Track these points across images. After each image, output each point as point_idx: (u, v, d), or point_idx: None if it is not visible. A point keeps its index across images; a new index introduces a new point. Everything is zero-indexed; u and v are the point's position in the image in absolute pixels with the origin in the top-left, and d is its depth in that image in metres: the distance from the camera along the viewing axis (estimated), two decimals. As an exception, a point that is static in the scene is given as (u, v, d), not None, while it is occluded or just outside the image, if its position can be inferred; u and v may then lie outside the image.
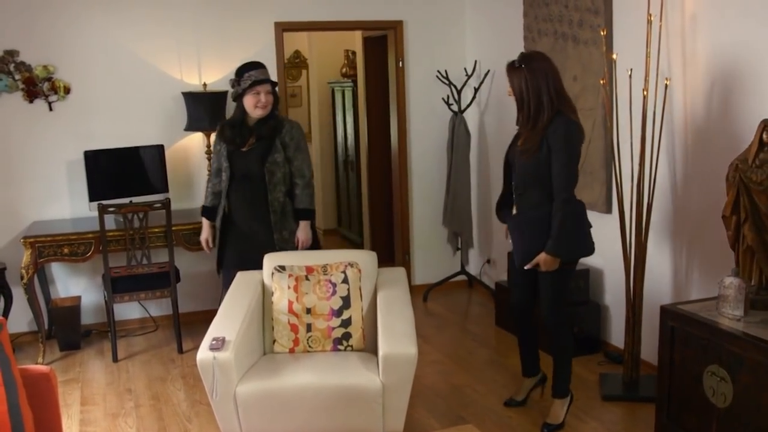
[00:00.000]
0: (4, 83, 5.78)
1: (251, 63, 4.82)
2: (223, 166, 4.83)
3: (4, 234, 5.93)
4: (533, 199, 4.02)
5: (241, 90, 4.70)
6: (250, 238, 4.84)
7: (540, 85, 3.90)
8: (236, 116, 4.83)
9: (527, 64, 3.93)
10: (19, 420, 2.91)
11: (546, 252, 3.92)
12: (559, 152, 3.88)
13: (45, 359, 5.53)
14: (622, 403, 4.54)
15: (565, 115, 3.91)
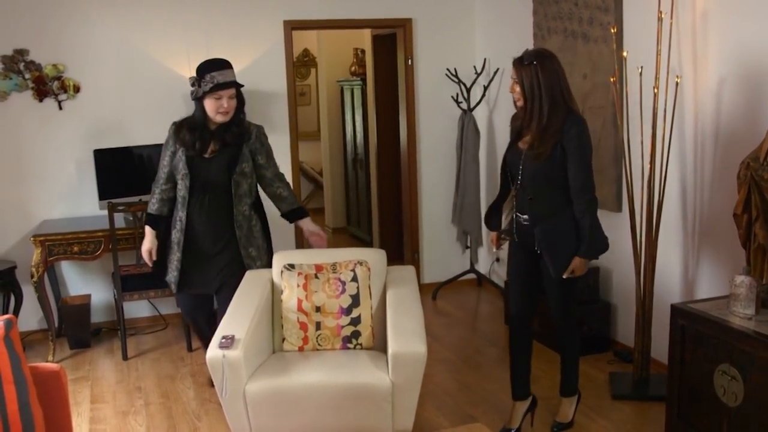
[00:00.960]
0: (14, 82, 5.80)
1: (214, 61, 4.31)
2: (182, 172, 4.30)
3: (15, 232, 5.95)
4: (548, 203, 3.84)
5: (201, 93, 4.21)
6: (212, 257, 4.41)
7: (553, 83, 3.73)
8: (197, 117, 4.31)
9: (540, 61, 3.74)
10: (30, 418, 2.92)
11: (581, 257, 3.80)
12: (576, 153, 3.73)
13: (55, 357, 5.55)
14: (632, 402, 4.53)
15: (576, 113, 3.80)
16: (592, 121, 5.27)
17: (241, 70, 6.32)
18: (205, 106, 4.24)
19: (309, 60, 11.14)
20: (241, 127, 4.37)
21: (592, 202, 3.79)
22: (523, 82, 3.79)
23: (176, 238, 4.40)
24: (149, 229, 4.52)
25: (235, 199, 4.36)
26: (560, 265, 3.83)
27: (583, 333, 5.20)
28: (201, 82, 4.20)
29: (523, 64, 3.79)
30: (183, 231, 4.37)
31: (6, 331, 2.89)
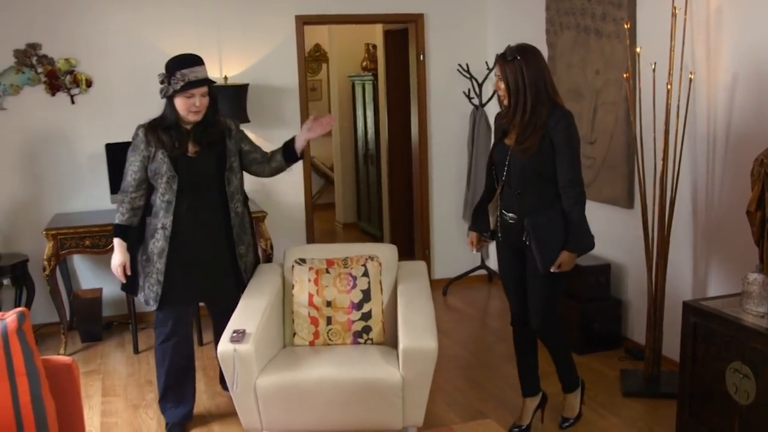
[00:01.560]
0: (27, 76, 5.82)
1: (185, 58, 3.99)
2: (166, 175, 3.96)
3: (27, 226, 5.97)
4: (536, 198, 3.80)
5: (171, 91, 3.92)
6: (202, 263, 4.11)
7: (537, 78, 3.70)
8: (169, 117, 4.00)
9: (524, 56, 3.71)
10: (42, 410, 2.92)
11: (569, 250, 3.74)
12: (564, 146, 3.70)
13: (67, 351, 5.57)
14: (643, 400, 4.52)
15: (561, 107, 3.77)
16: (604, 118, 5.26)
17: (253, 65, 6.34)
18: (176, 104, 3.95)
19: (320, 55, 11.14)
20: (218, 125, 4.12)
21: (581, 195, 3.77)
22: (507, 78, 3.74)
23: (157, 247, 4.01)
24: (119, 242, 4.08)
25: (229, 195, 4.12)
26: (548, 258, 3.77)
27: (594, 330, 5.21)
28: (171, 80, 3.90)
29: (506, 59, 3.74)
30: (168, 239, 4.00)
31: (19, 324, 2.90)
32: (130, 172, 4.02)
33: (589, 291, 5.23)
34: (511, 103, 3.76)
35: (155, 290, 4.04)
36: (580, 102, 5.54)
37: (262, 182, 6.48)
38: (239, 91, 6.03)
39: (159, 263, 4.02)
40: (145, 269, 4.07)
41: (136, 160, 4.01)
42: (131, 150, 4.03)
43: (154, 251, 4.02)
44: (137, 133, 4.04)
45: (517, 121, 3.75)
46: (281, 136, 6.46)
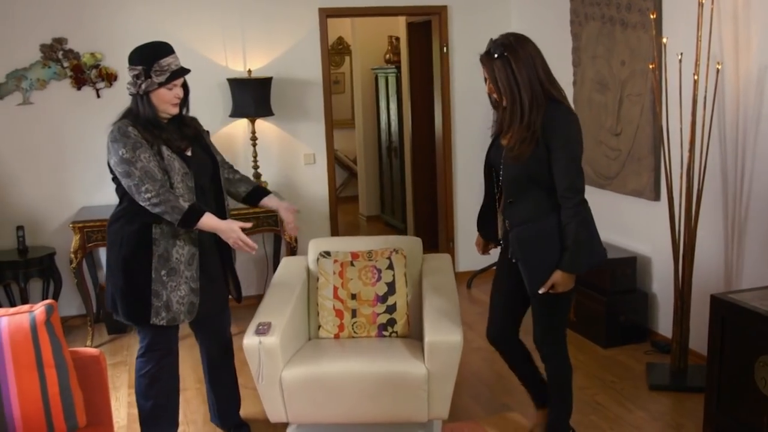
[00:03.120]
0: (53, 71, 5.86)
1: (161, 46, 3.57)
2: (180, 172, 3.51)
3: (54, 219, 6.02)
4: (530, 207, 3.38)
5: (156, 84, 3.46)
6: (218, 268, 3.82)
7: (530, 73, 3.25)
8: (147, 114, 3.49)
9: (511, 51, 3.25)
10: (70, 401, 2.96)
11: (562, 270, 3.29)
12: (561, 148, 3.23)
13: (93, 342, 5.62)
14: (670, 393, 4.48)
15: (559, 102, 3.31)
16: (630, 109, 5.22)
17: (277, 58, 6.35)
18: (156, 97, 3.49)
19: (343, 48, 11.13)
20: (192, 119, 3.79)
21: (580, 206, 3.29)
22: (496, 79, 3.31)
23: (184, 254, 3.57)
24: (208, 215, 3.52)
25: (225, 195, 3.84)
26: (537, 278, 3.36)
27: (619, 323, 5.18)
28: (151, 72, 3.45)
29: (492, 57, 3.30)
30: (195, 242, 3.61)
31: (47, 316, 2.93)
32: (155, 167, 3.43)
33: (615, 284, 5.20)
34: (506, 106, 3.34)
35: (188, 301, 3.58)
36: (606, 93, 5.50)
37: (287, 175, 6.51)
38: (263, 84, 6.04)
39: (189, 270, 3.58)
40: (169, 284, 3.53)
41: (150, 155, 3.43)
42: (134, 146, 3.41)
43: (180, 259, 3.55)
44: (126, 130, 3.44)
45: (516, 125, 3.31)
46: (305, 130, 6.53)
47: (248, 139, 6.23)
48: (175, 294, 3.56)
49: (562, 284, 3.33)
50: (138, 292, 3.52)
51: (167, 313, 3.55)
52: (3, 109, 5.82)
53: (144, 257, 3.51)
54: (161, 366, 3.72)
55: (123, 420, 4.41)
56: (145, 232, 3.51)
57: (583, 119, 5.79)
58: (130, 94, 3.54)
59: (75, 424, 2.97)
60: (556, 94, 3.32)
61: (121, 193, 3.56)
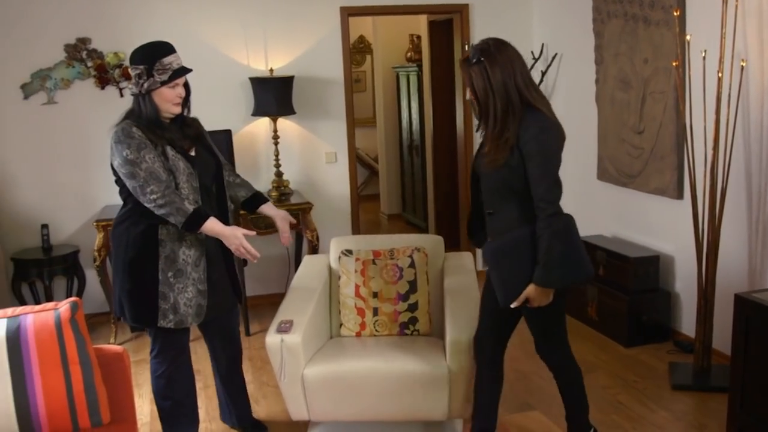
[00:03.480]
0: (77, 70, 5.91)
1: (162, 45, 3.52)
2: (186, 172, 3.49)
3: (78, 217, 6.07)
4: (508, 218, 3.28)
5: (158, 83, 3.43)
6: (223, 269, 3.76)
7: (506, 79, 3.16)
8: (147, 113, 3.46)
9: (488, 56, 3.18)
10: (95, 398, 2.98)
11: (535, 283, 3.17)
12: (534, 156, 3.13)
13: (116, 340, 5.66)
14: (693, 393, 4.46)
15: (537, 110, 3.19)
16: (653, 107, 5.19)
17: (298, 57, 6.37)
18: (158, 96, 3.46)
19: (364, 47, 11.14)
20: (192, 120, 3.76)
21: (554, 218, 3.14)
22: (473, 85, 3.24)
23: (191, 256, 3.55)
24: (213, 220, 3.49)
25: (227, 197, 3.80)
26: (508, 292, 3.25)
27: (642, 322, 5.15)
28: (153, 71, 3.41)
29: (470, 63, 3.24)
30: (202, 243, 3.58)
31: (72, 314, 2.96)
32: (160, 168, 3.41)
33: (638, 282, 5.17)
34: (481, 112, 3.28)
35: (195, 303, 3.57)
36: (628, 91, 5.47)
37: (308, 173, 6.52)
38: (285, 83, 6.06)
39: (196, 272, 3.56)
40: (176, 286, 3.51)
41: (155, 156, 3.41)
42: (138, 147, 3.38)
43: (187, 261, 3.53)
44: (131, 131, 3.41)
45: (489, 132, 3.26)
46: (327, 128, 6.54)
47: (270, 138, 6.25)
48: (183, 296, 3.53)
49: (536, 299, 3.21)
50: (145, 295, 3.50)
51: (175, 316, 3.53)
52: (28, 108, 5.87)
53: (150, 259, 3.49)
54: (176, 365, 3.73)
55: (146, 417, 4.44)
56: (151, 233, 3.49)
57: (605, 117, 5.78)
58: (132, 94, 3.52)
59: (99, 420, 3.00)
60: (535, 100, 3.21)
61: (125, 195, 3.55)
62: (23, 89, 5.84)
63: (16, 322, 2.91)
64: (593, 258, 5.54)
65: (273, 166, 6.23)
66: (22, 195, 5.96)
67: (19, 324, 2.90)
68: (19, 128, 5.88)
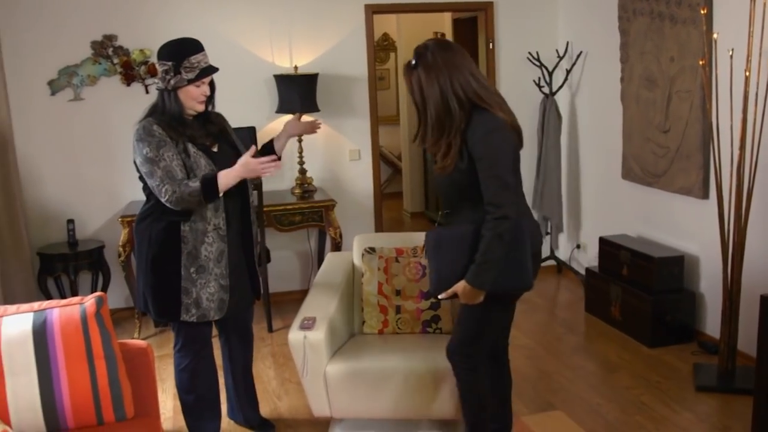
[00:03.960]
0: (103, 67, 5.96)
1: (190, 42, 3.55)
2: (207, 169, 3.50)
3: (103, 213, 6.12)
4: (463, 218, 3.20)
5: (185, 81, 3.46)
6: (243, 264, 3.77)
7: (443, 85, 3.07)
8: (173, 110, 3.50)
9: (423, 62, 3.11)
10: (119, 392, 3.01)
11: (466, 281, 3.08)
12: (482, 159, 3.04)
13: (140, 335, 5.69)
14: (717, 395, 4.42)
15: (485, 111, 3.09)
16: (679, 106, 5.15)
17: (323, 54, 6.38)
18: (184, 94, 3.50)
19: (388, 44, 11.13)
20: (216, 116, 3.79)
21: (501, 222, 3.01)
22: (411, 91, 3.19)
23: (212, 251, 3.56)
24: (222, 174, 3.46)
25: (247, 190, 3.79)
26: (440, 282, 3.18)
27: (666, 322, 5.12)
28: (180, 69, 3.45)
29: (410, 68, 3.18)
30: (224, 239, 3.60)
31: (97, 308, 2.99)
32: (177, 167, 3.44)
33: (662, 282, 5.14)
34: (419, 118, 3.21)
35: (218, 298, 3.59)
36: (654, 90, 5.43)
37: (331, 171, 6.54)
38: (309, 80, 6.07)
39: (218, 268, 3.58)
40: (198, 281, 3.54)
41: (173, 154, 3.45)
42: (158, 146, 3.43)
43: (209, 256, 3.55)
44: (151, 129, 3.46)
45: (428, 141, 3.18)
46: (351, 126, 6.55)
47: (294, 135, 6.26)
48: (205, 291, 3.56)
49: (464, 296, 3.11)
50: (168, 290, 3.55)
51: (197, 310, 3.57)
52: (55, 104, 5.93)
53: (173, 255, 3.53)
54: (199, 359, 3.77)
55: (169, 411, 4.47)
56: (173, 230, 3.52)
57: (630, 116, 5.75)
58: (157, 89, 3.56)
59: (123, 414, 3.03)
60: (482, 101, 3.10)
61: (148, 192, 3.59)
62: (50, 86, 5.89)
63: (43, 316, 2.94)
64: (617, 257, 5.52)
65: (297, 163, 6.25)
66: (49, 190, 6.02)
67: (46, 318, 2.93)
68: (46, 124, 5.93)
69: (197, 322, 3.60)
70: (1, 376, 2.87)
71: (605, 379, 4.72)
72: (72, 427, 2.96)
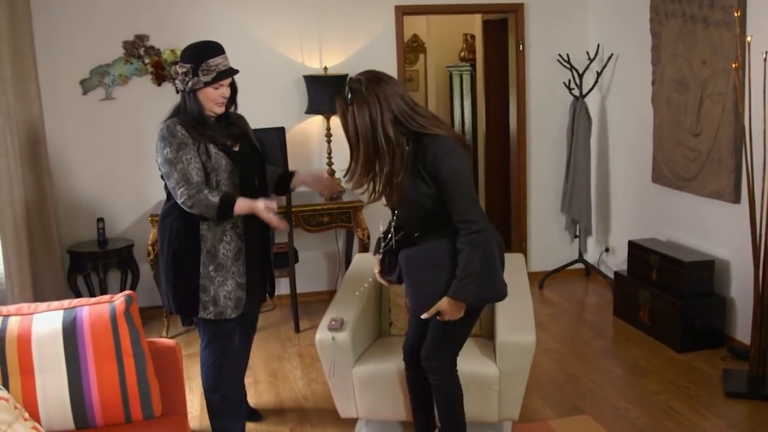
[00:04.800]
0: (135, 67, 6.01)
1: (211, 45, 3.64)
2: (228, 170, 3.57)
3: (133, 212, 6.17)
4: (435, 238, 3.21)
5: (202, 83, 3.54)
6: (261, 263, 3.83)
7: (373, 116, 3.04)
8: (194, 111, 3.58)
9: (355, 97, 3.06)
10: (147, 390, 3.02)
11: (449, 297, 3.12)
12: (446, 182, 3.07)
13: (168, 333, 5.73)
14: (747, 401, 4.36)
15: (434, 136, 3.09)
16: (711, 109, 5.10)
17: (353, 55, 6.38)
18: (203, 95, 3.57)
19: (418, 45, 11.11)
20: (238, 118, 3.86)
21: (475, 236, 3.07)
22: (346, 124, 3.14)
23: (231, 250, 3.62)
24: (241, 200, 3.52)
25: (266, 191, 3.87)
26: (420, 302, 3.19)
27: (695, 327, 5.07)
28: (198, 71, 3.53)
29: (343, 102, 3.14)
30: (242, 237, 3.66)
31: (126, 307, 3.01)
32: (194, 170, 3.50)
33: (692, 287, 5.09)
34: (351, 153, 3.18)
35: (235, 296, 3.64)
36: (686, 93, 5.38)
37: (360, 172, 6.52)
38: (339, 81, 6.07)
39: (236, 266, 3.64)
40: (216, 279, 3.60)
41: (193, 157, 3.50)
42: (178, 147, 3.49)
43: (228, 255, 3.61)
44: (174, 129, 3.52)
45: (356, 177, 3.18)
46: (379, 127, 6.49)
47: (323, 136, 6.28)
48: (223, 289, 3.61)
49: (448, 312, 3.15)
50: (187, 287, 3.61)
51: (215, 308, 3.61)
52: (86, 104, 5.99)
53: (192, 253, 3.59)
54: (224, 354, 3.78)
55: (196, 410, 4.50)
56: (193, 228, 3.58)
57: (661, 119, 5.70)
58: (178, 90, 3.65)
59: (151, 412, 3.04)
60: (424, 127, 3.10)
61: (168, 190, 3.66)
62: (82, 85, 5.95)
63: (73, 313, 2.97)
64: (647, 261, 5.48)
65: (326, 164, 6.26)
66: (79, 189, 6.08)
67: (75, 316, 2.96)
68: (77, 123, 6.00)
69: (214, 319, 3.64)
70: (31, 373, 2.90)
71: (633, 383, 4.68)
72: (100, 424, 2.98)
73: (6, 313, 3.01)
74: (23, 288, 5.05)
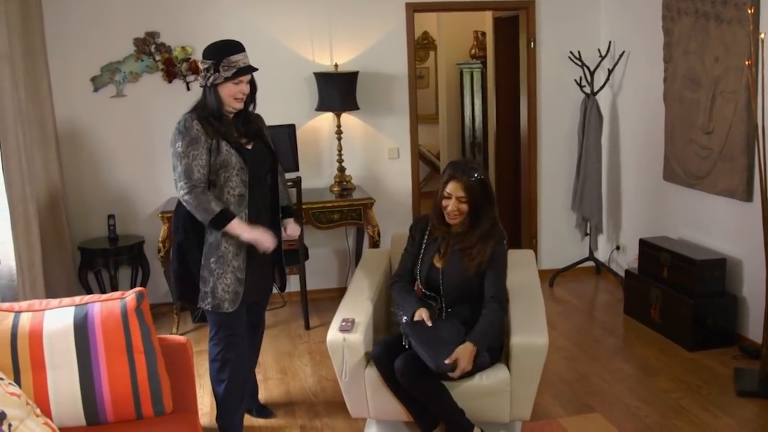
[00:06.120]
0: (146, 64, 6.01)
1: (231, 43, 3.76)
2: (237, 166, 3.65)
3: (144, 208, 6.18)
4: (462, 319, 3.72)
5: (222, 78, 3.65)
6: (266, 258, 3.88)
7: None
8: (212, 106, 3.68)
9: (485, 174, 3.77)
10: (158, 386, 3.03)
11: (472, 342, 3.52)
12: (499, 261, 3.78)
13: (179, 330, 5.74)
14: (759, 400, 4.34)
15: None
16: (723, 107, 5.08)
17: (363, 53, 6.38)
18: (222, 91, 3.67)
19: (428, 43, 11.11)
20: (256, 116, 3.96)
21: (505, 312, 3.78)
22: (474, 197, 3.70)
23: (233, 245, 3.67)
24: (237, 221, 3.63)
25: (278, 189, 3.99)
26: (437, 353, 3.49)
27: (707, 326, 5.05)
28: (219, 67, 3.64)
29: (470, 179, 3.67)
30: None
31: (137, 303, 3.02)
32: (197, 167, 3.59)
33: (703, 285, 5.07)
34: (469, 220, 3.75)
35: (233, 290, 3.69)
36: (698, 91, 5.36)
37: (370, 169, 6.54)
38: (349, 78, 6.08)
39: (237, 260, 3.69)
40: (216, 272, 3.67)
41: (201, 154, 3.59)
42: (190, 143, 3.59)
43: (229, 248, 3.67)
44: (191, 124, 3.62)
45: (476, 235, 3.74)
46: (390, 124, 6.55)
47: (333, 133, 6.28)
48: (221, 282, 3.69)
49: (470, 356, 3.50)
50: (189, 276, 3.74)
51: (212, 300, 3.70)
52: (97, 101, 6.00)
53: (196, 244, 3.72)
54: (229, 345, 3.82)
55: (207, 407, 4.50)
56: (198, 220, 3.67)
57: (673, 116, 5.68)
58: (200, 86, 3.77)
59: (162, 409, 3.05)
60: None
61: None
62: (93, 82, 5.97)
63: (84, 310, 2.98)
64: (658, 259, 5.46)
65: (336, 161, 6.26)
66: (90, 186, 6.10)
67: (87, 312, 2.97)
68: (88, 120, 6.01)
69: (211, 311, 3.73)
70: (43, 369, 2.91)
71: (644, 382, 4.66)
72: (111, 420, 2.99)
73: (18, 309, 3.03)
74: (34, 284, 5.07)
